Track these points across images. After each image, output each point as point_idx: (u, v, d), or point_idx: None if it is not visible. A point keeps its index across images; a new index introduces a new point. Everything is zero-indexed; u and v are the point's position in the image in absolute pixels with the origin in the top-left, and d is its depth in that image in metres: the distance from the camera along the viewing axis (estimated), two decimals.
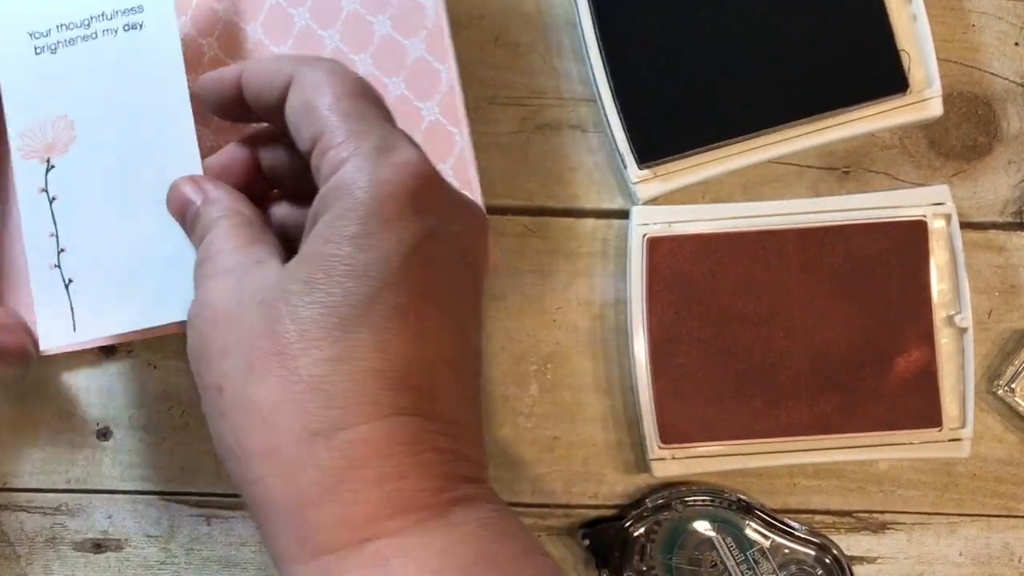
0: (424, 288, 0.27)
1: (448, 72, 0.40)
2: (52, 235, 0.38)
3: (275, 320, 0.27)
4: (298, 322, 0.27)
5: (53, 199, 0.38)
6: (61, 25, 0.38)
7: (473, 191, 0.40)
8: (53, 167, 0.38)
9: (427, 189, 0.28)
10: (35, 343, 0.38)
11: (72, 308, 0.38)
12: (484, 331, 0.34)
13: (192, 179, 0.34)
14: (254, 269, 0.29)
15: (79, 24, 0.38)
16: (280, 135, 0.33)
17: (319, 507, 0.26)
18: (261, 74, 0.31)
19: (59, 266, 0.38)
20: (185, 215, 0.33)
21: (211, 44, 0.41)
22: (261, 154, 0.34)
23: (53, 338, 0.38)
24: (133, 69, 0.38)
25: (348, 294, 0.26)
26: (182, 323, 0.31)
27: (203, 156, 0.36)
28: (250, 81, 0.32)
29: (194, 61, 0.40)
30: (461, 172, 0.40)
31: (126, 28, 0.38)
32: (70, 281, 0.38)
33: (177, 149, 0.36)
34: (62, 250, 0.38)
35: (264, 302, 0.27)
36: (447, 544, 0.26)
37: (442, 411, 0.27)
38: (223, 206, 0.32)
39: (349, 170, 0.28)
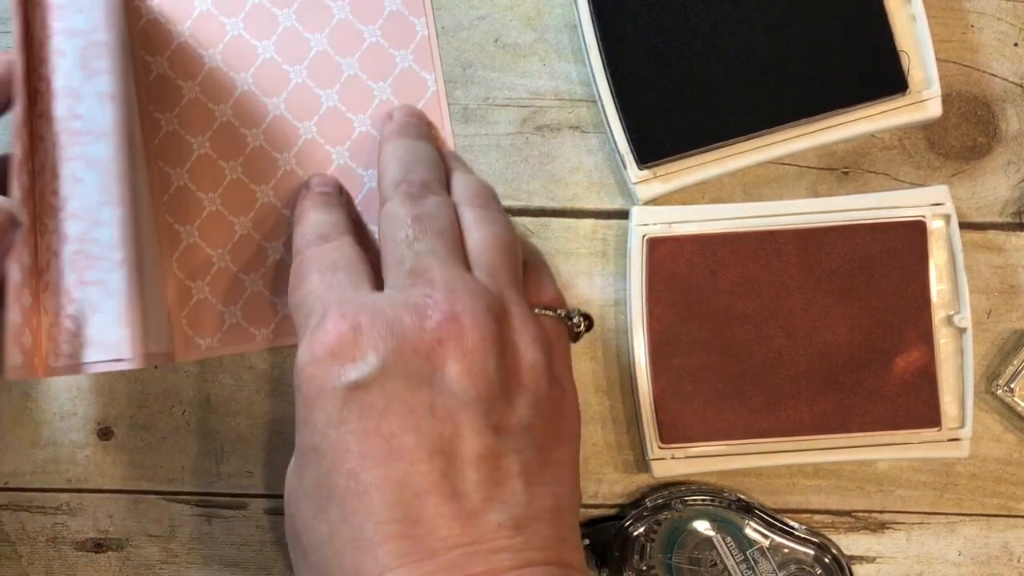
0: (368, 439, 0.30)
1: (435, 80, 0.42)
2: None
3: (289, 507, 0.33)
4: (298, 512, 0.32)
5: None
6: None
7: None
8: None
9: (339, 348, 0.30)
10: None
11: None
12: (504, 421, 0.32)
13: None
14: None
15: None
16: None
17: None
18: None
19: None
20: None
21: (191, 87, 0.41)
22: None
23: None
24: None
25: (314, 477, 0.31)
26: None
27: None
28: None
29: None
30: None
31: None
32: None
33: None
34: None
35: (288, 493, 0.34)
36: None
37: (429, 541, 0.29)
38: None
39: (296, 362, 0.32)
